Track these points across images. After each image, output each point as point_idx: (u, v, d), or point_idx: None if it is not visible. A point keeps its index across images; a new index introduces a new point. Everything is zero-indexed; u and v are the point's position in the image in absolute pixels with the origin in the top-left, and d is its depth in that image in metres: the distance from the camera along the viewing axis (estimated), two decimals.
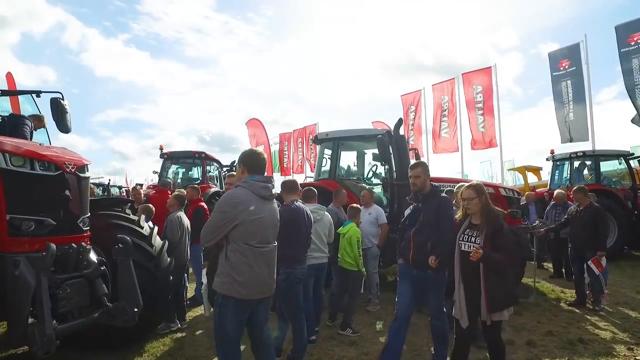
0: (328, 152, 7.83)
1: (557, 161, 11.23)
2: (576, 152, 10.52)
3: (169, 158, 11.86)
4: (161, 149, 11.98)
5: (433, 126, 18.89)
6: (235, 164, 13.42)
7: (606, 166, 11.30)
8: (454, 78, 18.60)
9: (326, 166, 7.88)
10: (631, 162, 10.51)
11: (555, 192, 7.76)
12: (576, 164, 10.88)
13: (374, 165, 7.89)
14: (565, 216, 6.30)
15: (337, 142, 7.70)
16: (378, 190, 7.72)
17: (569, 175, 10.74)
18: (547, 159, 11.64)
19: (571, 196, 6.65)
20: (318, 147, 8.10)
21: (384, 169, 7.33)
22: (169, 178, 12.19)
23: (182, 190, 6.41)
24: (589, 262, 5.45)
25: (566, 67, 14.42)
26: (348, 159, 8.53)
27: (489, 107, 17.02)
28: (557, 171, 11.36)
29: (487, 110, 17.03)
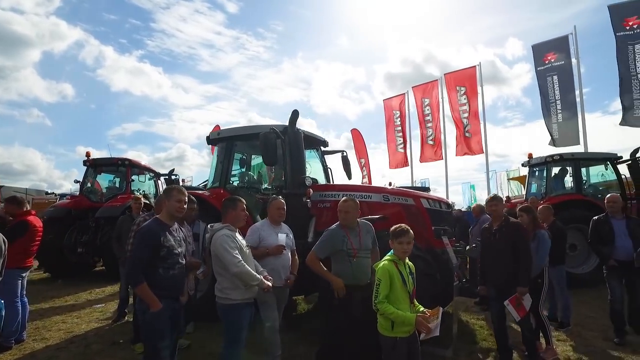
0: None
1: (534, 167, 9.49)
2: (552, 156, 8.77)
3: (92, 166, 10.61)
4: (87, 155, 10.74)
5: (420, 131, 17.29)
6: (173, 172, 12.16)
7: (595, 173, 9.49)
8: (436, 80, 17.04)
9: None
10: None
11: (475, 204, 6.16)
12: (556, 170, 9.14)
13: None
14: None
15: (231, 142, 6.26)
16: None
17: (545, 184, 8.98)
18: (522, 165, 9.94)
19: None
20: (215, 150, 6.66)
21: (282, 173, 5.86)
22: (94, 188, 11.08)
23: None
24: (506, 303, 3.80)
25: (552, 60, 12.73)
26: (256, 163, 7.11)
27: (474, 110, 15.40)
28: (533, 179, 9.63)
29: (472, 114, 15.41)
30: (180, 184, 14.13)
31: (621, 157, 8.51)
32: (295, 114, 5.43)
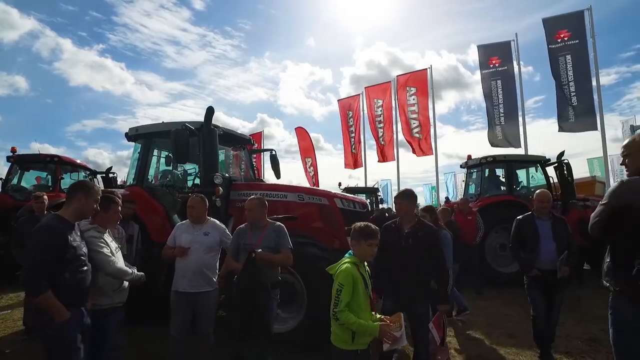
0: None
1: (471, 168, 9.70)
2: (486, 158, 8.99)
3: (17, 162, 9.99)
4: (13, 151, 10.11)
5: (373, 132, 17.40)
6: (111, 170, 11.66)
7: (529, 175, 9.79)
8: (389, 82, 17.20)
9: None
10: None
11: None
12: (490, 171, 9.36)
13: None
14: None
15: (149, 138, 6.01)
16: None
17: (480, 185, 9.19)
18: (461, 166, 10.14)
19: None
20: (134, 147, 6.38)
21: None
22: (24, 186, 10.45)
23: None
24: (431, 327, 3.31)
25: (496, 65, 13.11)
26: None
27: (425, 112, 15.63)
28: (470, 180, 9.85)
29: (423, 116, 15.63)
30: (119, 182, 13.60)
31: (549, 160, 8.81)
32: (210, 111, 5.26)
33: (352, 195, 5.60)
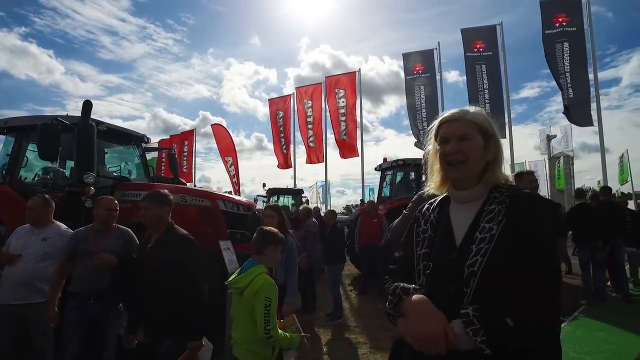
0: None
1: (385, 171, 9.91)
2: (397, 161, 9.22)
3: None
4: None
5: (301, 134, 17.37)
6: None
7: None
8: (320, 83, 17.25)
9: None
10: None
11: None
12: (401, 174, 9.61)
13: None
14: None
15: (21, 132, 5.49)
16: None
17: (391, 187, 9.42)
18: (375, 169, 10.34)
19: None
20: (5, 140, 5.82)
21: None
22: None
23: None
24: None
25: (420, 71, 13.57)
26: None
27: (352, 114, 15.85)
28: (384, 182, 10.06)
29: (350, 117, 15.85)
30: None
31: None
32: (87, 105, 4.87)
33: (238, 197, 5.47)
